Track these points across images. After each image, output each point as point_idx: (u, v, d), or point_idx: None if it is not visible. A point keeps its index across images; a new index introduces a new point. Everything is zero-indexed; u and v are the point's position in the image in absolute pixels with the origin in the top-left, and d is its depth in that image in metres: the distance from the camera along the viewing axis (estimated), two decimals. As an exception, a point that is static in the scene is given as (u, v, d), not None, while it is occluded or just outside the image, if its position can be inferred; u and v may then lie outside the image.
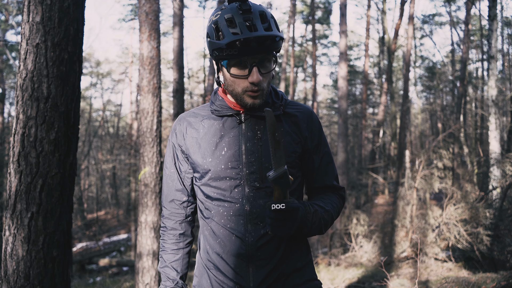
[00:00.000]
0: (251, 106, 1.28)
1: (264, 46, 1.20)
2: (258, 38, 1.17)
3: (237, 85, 1.26)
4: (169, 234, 1.49)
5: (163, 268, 1.48)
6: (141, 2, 4.99)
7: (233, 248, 1.31)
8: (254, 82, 1.22)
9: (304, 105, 1.45)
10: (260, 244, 1.29)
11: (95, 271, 12.64)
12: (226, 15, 1.20)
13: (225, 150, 1.32)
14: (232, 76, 1.25)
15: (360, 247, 8.95)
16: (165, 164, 1.49)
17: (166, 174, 1.49)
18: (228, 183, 1.31)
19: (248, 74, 1.23)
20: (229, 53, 1.20)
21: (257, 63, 1.22)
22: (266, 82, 1.28)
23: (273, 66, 1.28)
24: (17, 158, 2.06)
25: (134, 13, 22.97)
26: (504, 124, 12.43)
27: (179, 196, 1.47)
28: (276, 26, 1.24)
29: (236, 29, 1.18)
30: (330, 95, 32.02)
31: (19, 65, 2.12)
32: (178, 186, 1.46)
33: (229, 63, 1.24)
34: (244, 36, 1.16)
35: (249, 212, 1.30)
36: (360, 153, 22.90)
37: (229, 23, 1.20)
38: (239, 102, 1.29)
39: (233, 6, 1.22)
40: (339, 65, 11.23)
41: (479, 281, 4.98)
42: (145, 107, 4.91)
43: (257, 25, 1.18)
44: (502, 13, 14.38)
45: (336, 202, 1.44)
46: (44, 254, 2.07)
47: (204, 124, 1.38)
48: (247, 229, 1.30)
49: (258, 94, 1.26)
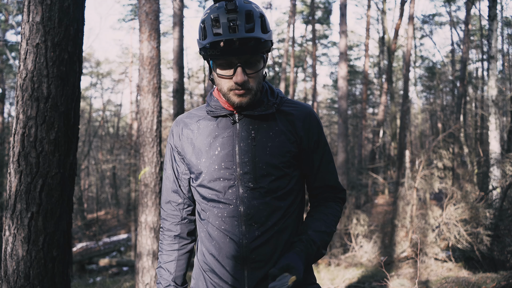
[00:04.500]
0: (239, 105, 1.27)
1: (247, 47, 1.19)
2: (240, 39, 1.16)
3: (223, 84, 1.26)
4: (166, 235, 1.49)
5: (158, 269, 1.50)
6: (141, 2, 4.99)
7: (228, 250, 1.29)
8: (238, 82, 1.21)
9: (303, 104, 1.43)
10: (254, 246, 1.27)
11: (95, 271, 12.64)
12: (213, 14, 1.20)
13: (219, 150, 1.31)
14: (217, 75, 1.25)
15: (360, 247, 8.95)
16: (164, 165, 1.50)
17: (164, 175, 1.50)
18: (222, 183, 1.30)
19: (233, 74, 1.22)
20: (212, 53, 1.20)
21: (243, 63, 1.21)
22: (255, 82, 1.26)
23: (261, 66, 1.26)
24: (17, 158, 2.06)
25: (134, 13, 22.97)
26: (504, 124, 12.42)
27: (175, 197, 1.47)
28: (263, 26, 1.22)
29: (219, 29, 1.18)
30: (330, 95, 32.02)
31: (19, 65, 2.11)
32: (174, 188, 1.46)
33: (215, 63, 1.24)
34: (224, 38, 1.16)
35: (243, 213, 1.28)
36: (360, 153, 22.89)
37: (214, 23, 1.19)
38: (227, 100, 1.29)
39: (221, 5, 1.21)
40: (339, 65, 11.23)
41: (479, 281, 4.98)
42: (145, 107, 4.91)
43: (239, 26, 1.16)
44: (502, 13, 14.38)
45: (337, 213, 1.43)
46: (44, 254, 2.07)
47: (200, 125, 1.37)
48: (241, 230, 1.28)
49: (244, 92, 1.25)
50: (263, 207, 1.29)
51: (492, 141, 8.58)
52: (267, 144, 1.30)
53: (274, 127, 1.33)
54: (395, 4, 30.59)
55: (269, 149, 1.30)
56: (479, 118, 17.14)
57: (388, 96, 16.85)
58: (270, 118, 1.34)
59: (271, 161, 1.29)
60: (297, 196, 1.37)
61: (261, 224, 1.28)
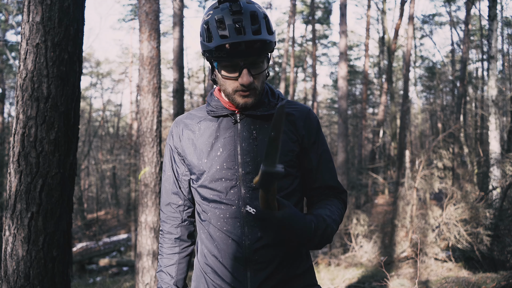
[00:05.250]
0: (243, 106, 1.27)
1: (253, 49, 1.18)
2: (247, 41, 1.15)
3: (228, 86, 1.25)
4: (166, 238, 1.48)
5: (158, 273, 1.48)
6: (141, 2, 4.99)
7: (230, 251, 1.28)
8: (244, 84, 1.21)
9: (302, 104, 1.43)
10: (256, 247, 1.26)
11: (95, 271, 12.64)
12: (217, 16, 1.18)
13: (221, 151, 1.31)
14: (223, 77, 1.25)
15: (360, 247, 8.95)
16: (164, 167, 1.48)
17: (164, 177, 1.48)
18: (224, 184, 1.29)
19: (238, 76, 1.22)
20: (218, 55, 1.19)
21: (248, 65, 1.21)
22: (259, 82, 1.26)
23: (265, 66, 1.26)
24: (17, 158, 2.06)
25: (134, 13, 22.97)
26: (504, 124, 12.42)
27: (175, 199, 1.45)
28: (268, 27, 1.21)
29: (225, 31, 1.16)
30: (330, 95, 32.02)
31: (19, 65, 2.11)
32: (174, 189, 1.45)
33: (220, 64, 1.23)
34: (231, 41, 1.15)
35: (245, 214, 1.27)
36: (360, 153, 22.88)
37: (219, 24, 1.18)
38: (231, 101, 1.29)
39: (224, 6, 1.20)
40: (339, 65, 11.23)
41: (479, 281, 4.98)
42: (145, 107, 4.91)
43: (246, 27, 1.15)
44: (502, 13, 14.38)
45: (341, 209, 1.37)
46: (44, 254, 2.07)
47: (201, 126, 1.36)
48: (243, 231, 1.27)
49: (249, 93, 1.25)
50: None
51: (492, 141, 8.58)
52: None
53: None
54: (395, 4, 30.61)
55: None
56: (479, 118, 17.15)
57: (388, 96, 16.85)
58: (271, 118, 1.33)
59: None
60: (299, 198, 1.37)
61: None
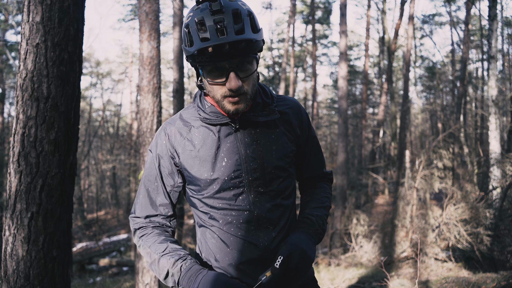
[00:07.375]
0: (234, 112, 1.20)
1: (238, 50, 1.10)
2: (230, 42, 1.07)
3: (216, 92, 1.18)
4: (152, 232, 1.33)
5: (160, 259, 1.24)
6: (141, 2, 4.99)
7: (248, 254, 1.28)
8: (233, 88, 1.13)
9: (290, 99, 1.41)
10: (273, 247, 1.29)
11: (95, 271, 12.63)
12: (197, 18, 1.10)
13: (225, 160, 1.26)
14: (209, 83, 1.17)
15: (360, 247, 8.95)
16: (147, 176, 1.35)
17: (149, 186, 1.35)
18: (232, 192, 1.27)
19: (226, 80, 1.14)
20: (201, 60, 1.11)
21: (234, 68, 1.13)
22: (249, 86, 1.18)
23: (254, 68, 1.18)
24: (17, 158, 2.06)
25: (134, 13, 22.98)
26: (504, 124, 12.43)
27: (164, 210, 1.35)
28: (253, 25, 1.13)
29: (206, 33, 1.08)
30: (330, 95, 32.02)
31: (19, 65, 2.11)
32: (163, 201, 1.35)
33: (205, 70, 1.16)
34: (212, 43, 1.07)
35: (258, 217, 1.27)
36: (360, 153, 22.90)
37: (200, 26, 1.10)
38: (222, 108, 1.21)
39: (204, 6, 1.12)
40: (339, 65, 11.23)
41: (479, 281, 4.98)
42: (145, 107, 4.91)
43: (228, 27, 1.07)
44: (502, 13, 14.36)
45: (329, 191, 1.50)
46: (44, 254, 2.07)
47: (198, 135, 1.28)
48: (259, 234, 1.28)
49: (239, 99, 1.17)
50: (275, 209, 1.30)
51: (492, 141, 8.58)
52: (272, 147, 1.30)
53: (275, 129, 1.32)
54: (395, 4, 30.60)
55: (274, 153, 1.30)
56: (479, 118, 17.15)
57: (388, 96, 16.85)
58: (271, 124, 1.32)
59: (279, 164, 1.30)
60: (296, 192, 1.43)
61: (276, 225, 1.30)
